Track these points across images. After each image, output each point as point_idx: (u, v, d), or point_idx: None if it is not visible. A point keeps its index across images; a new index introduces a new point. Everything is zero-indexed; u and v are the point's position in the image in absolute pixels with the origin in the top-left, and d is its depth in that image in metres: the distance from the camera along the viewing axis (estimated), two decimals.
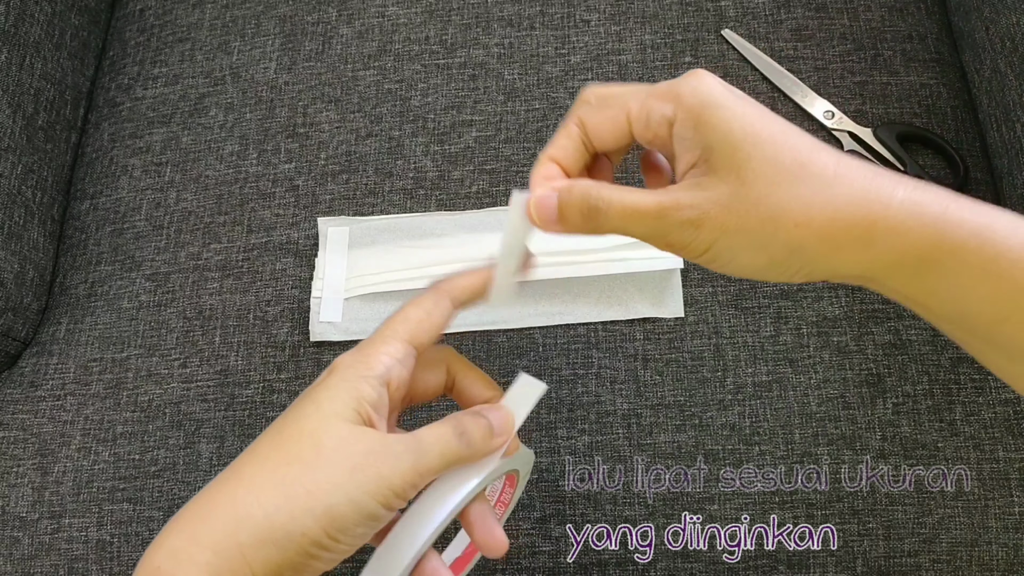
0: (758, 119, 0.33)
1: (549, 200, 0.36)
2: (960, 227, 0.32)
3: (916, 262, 0.32)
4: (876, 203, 0.32)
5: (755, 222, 0.33)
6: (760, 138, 0.33)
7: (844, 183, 0.32)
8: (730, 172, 0.33)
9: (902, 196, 0.32)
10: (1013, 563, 0.52)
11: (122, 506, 0.55)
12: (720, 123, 0.33)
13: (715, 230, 0.34)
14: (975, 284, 0.32)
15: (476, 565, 0.52)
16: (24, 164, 0.63)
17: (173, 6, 0.71)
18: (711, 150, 0.33)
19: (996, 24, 0.60)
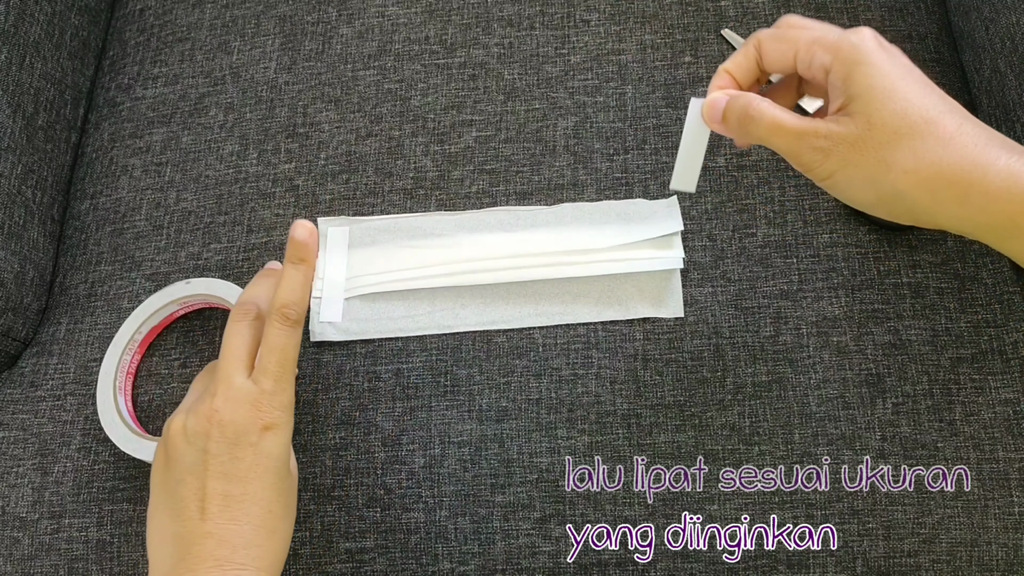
0: (899, 78, 0.39)
1: (719, 103, 0.44)
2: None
3: (1008, 224, 0.37)
4: (978, 168, 0.37)
5: (872, 161, 0.39)
6: (896, 95, 0.38)
7: (957, 146, 0.37)
8: (863, 117, 0.39)
9: (1004, 164, 0.37)
10: (1013, 563, 0.52)
11: (122, 506, 0.55)
12: (864, 78, 0.39)
13: (839, 161, 0.40)
14: None
15: (474, 568, 0.52)
16: (24, 164, 0.63)
17: (173, 6, 0.71)
18: (852, 99, 0.39)
19: (996, 24, 0.60)
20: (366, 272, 0.59)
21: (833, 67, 0.40)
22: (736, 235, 0.58)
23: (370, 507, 0.54)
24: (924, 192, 0.38)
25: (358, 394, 0.56)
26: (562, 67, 0.64)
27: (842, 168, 0.40)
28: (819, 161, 0.40)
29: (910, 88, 0.39)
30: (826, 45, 0.41)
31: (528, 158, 0.61)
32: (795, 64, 0.43)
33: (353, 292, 0.58)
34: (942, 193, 0.38)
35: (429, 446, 0.55)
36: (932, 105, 0.38)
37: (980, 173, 0.37)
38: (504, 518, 0.53)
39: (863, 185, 0.40)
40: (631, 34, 0.65)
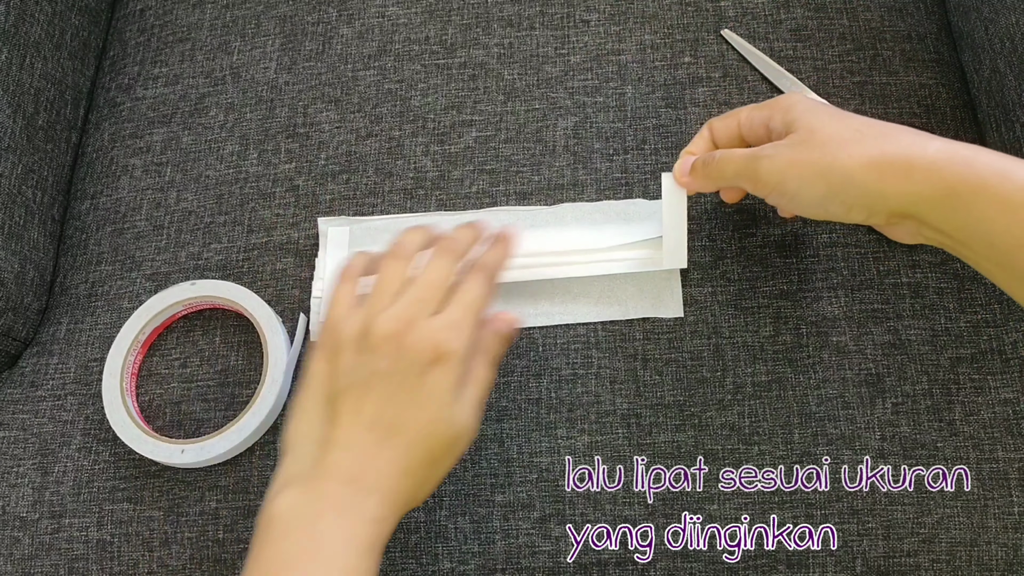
0: (831, 109, 0.46)
1: (687, 162, 0.52)
2: (986, 167, 0.40)
3: (948, 195, 0.41)
4: (916, 147, 0.42)
5: (819, 155, 0.44)
6: (832, 117, 0.45)
7: (892, 138, 0.43)
8: (805, 129, 0.45)
9: (938, 145, 0.41)
10: (1012, 563, 0.52)
11: (122, 506, 0.56)
12: (801, 112, 0.46)
13: (786, 162, 0.45)
14: (996, 215, 0.40)
15: (474, 567, 0.52)
16: (24, 164, 0.63)
17: (173, 6, 0.71)
18: (793, 123, 0.46)
19: (995, 24, 0.60)
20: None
21: (772, 117, 0.48)
22: (736, 235, 0.58)
23: None
24: (871, 172, 0.42)
25: None
26: (562, 67, 0.64)
27: (791, 167, 0.45)
28: (767, 167, 0.46)
29: (844, 114, 0.46)
30: (762, 107, 0.49)
31: (528, 158, 0.61)
32: (740, 132, 0.51)
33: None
34: (888, 171, 0.42)
35: None
36: (867, 120, 0.45)
37: (919, 150, 0.42)
38: (504, 518, 0.53)
39: (813, 179, 0.44)
40: (631, 34, 0.65)
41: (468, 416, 0.44)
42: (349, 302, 0.46)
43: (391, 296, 0.45)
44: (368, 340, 0.43)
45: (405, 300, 0.44)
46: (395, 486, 0.42)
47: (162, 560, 0.54)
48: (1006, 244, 0.40)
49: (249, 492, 0.55)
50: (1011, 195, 0.39)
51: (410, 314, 0.44)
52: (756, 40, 0.63)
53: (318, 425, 0.43)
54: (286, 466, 0.43)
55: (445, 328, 0.43)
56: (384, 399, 0.42)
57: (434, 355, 0.42)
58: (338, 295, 0.47)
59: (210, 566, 0.54)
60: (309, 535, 0.40)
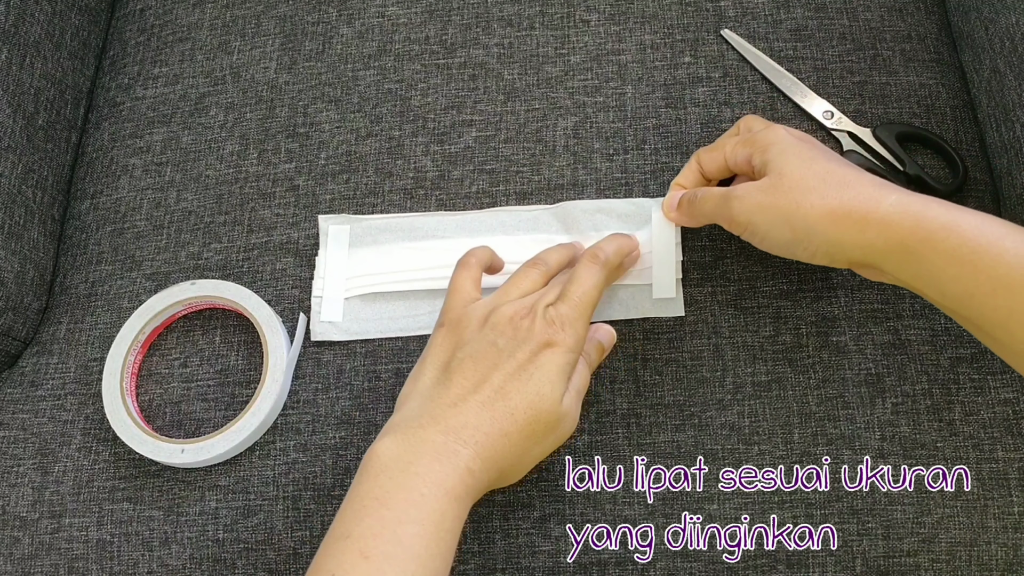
0: (806, 151, 0.49)
1: (675, 198, 0.55)
2: (933, 221, 0.43)
3: (899, 248, 0.44)
4: (872, 201, 0.45)
5: (784, 202, 0.47)
6: (802, 159, 0.48)
7: (852, 189, 0.46)
8: (775, 172, 0.48)
9: (893, 199, 0.44)
10: (1012, 563, 0.52)
11: (122, 505, 0.56)
12: (775, 155, 0.49)
13: (755, 206, 0.48)
14: (944, 266, 0.42)
15: (474, 567, 0.52)
16: (24, 164, 0.63)
17: (173, 6, 0.71)
18: (767, 164, 0.49)
19: (995, 24, 0.60)
20: (367, 272, 0.59)
21: (753, 154, 0.51)
22: (736, 235, 0.58)
23: None
24: (830, 224, 0.45)
25: (358, 394, 0.56)
26: (562, 67, 0.64)
27: (759, 211, 0.48)
28: (738, 208, 0.49)
29: (815, 157, 0.48)
30: (745, 143, 0.52)
31: (528, 158, 0.61)
32: (726, 164, 0.53)
33: (354, 292, 0.58)
34: (844, 223, 0.45)
35: None
36: (834, 167, 0.47)
37: (874, 205, 0.44)
38: (504, 517, 0.53)
39: (779, 224, 0.48)
40: (631, 34, 0.65)
41: (571, 403, 0.47)
42: (470, 287, 0.50)
43: (519, 292, 0.49)
44: (490, 320, 0.47)
45: (531, 298, 0.49)
46: (492, 444, 0.44)
47: (162, 560, 0.54)
48: (956, 293, 0.43)
49: (249, 492, 0.55)
50: (957, 249, 0.42)
51: (532, 304, 0.48)
52: (756, 40, 0.63)
53: (430, 386, 0.46)
54: (393, 418, 0.46)
55: (560, 319, 0.47)
56: (496, 369, 0.45)
57: (547, 340, 0.46)
58: (459, 281, 0.51)
59: (210, 566, 0.54)
60: (404, 474, 0.42)
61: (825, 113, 0.61)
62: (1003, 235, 0.42)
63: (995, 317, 0.42)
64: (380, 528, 0.41)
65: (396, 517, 0.41)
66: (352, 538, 0.41)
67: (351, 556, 0.40)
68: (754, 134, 0.52)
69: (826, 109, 0.61)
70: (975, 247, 0.41)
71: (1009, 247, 0.41)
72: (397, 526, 0.41)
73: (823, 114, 0.61)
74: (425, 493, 0.42)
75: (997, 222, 0.42)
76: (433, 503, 0.42)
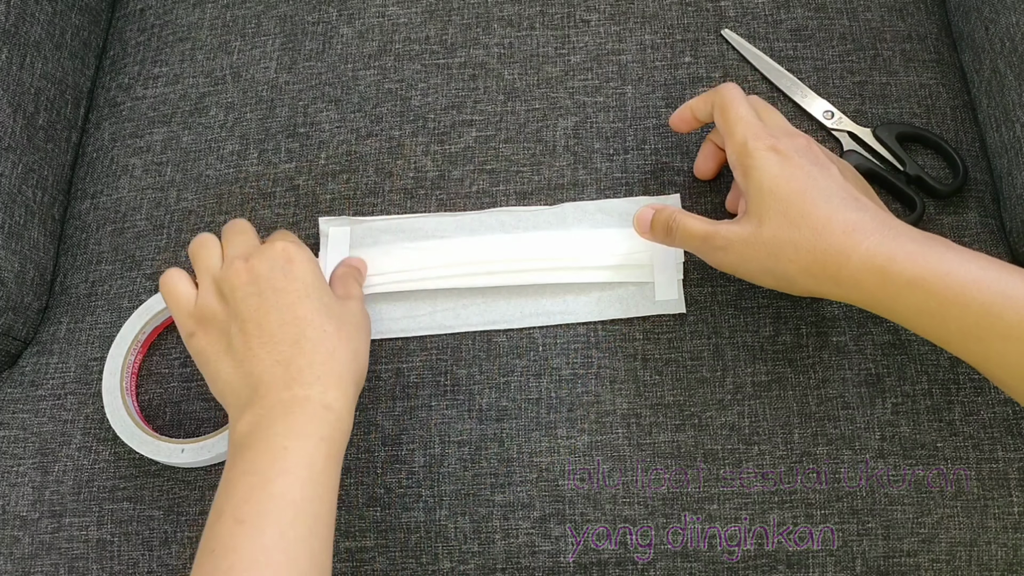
0: (784, 179, 0.47)
1: (646, 216, 0.54)
2: (899, 277, 0.43)
3: (872, 300, 0.45)
4: (843, 254, 0.45)
5: (763, 255, 0.48)
6: (778, 195, 0.47)
7: (827, 235, 0.45)
8: (756, 218, 0.48)
9: (864, 248, 0.44)
10: (1012, 563, 0.52)
11: (122, 505, 0.56)
12: (754, 181, 0.48)
13: (737, 256, 0.49)
14: (914, 318, 0.44)
15: (474, 567, 0.53)
16: (25, 163, 0.63)
17: (173, 6, 0.71)
18: (748, 197, 0.49)
19: (996, 24, 0.60)
20: (367, 273, 0.59)
21: (735, 167, 0.50)
22: None
23: (370, 506, 0.54)
24: (807, 277, 0.46)
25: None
26: (562, 67, 0.64)
27: (741, 262, 0.49)
28: (720, 258, 0.50)
29: (792, 185, 0.47)
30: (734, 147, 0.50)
31: (528, 158, 0.61)
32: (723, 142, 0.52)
33: None
34: (820, 277, 0.46)
35: (429, 445, 0.55)
36: (810, 199, 0.46)
37: (845, 259, 0.45)
38: (504, 517, 0.53)
39: (761, 273, 0.49)
40: (631, 34, 0.65)
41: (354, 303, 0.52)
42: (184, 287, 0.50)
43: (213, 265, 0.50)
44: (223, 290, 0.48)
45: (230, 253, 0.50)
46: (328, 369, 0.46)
47: (162, 560, 0.54)
48: (936, 338, 0.44)
49: None
50: (924, 304, 0.43)
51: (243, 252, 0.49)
52: (756, 40, 0.64)
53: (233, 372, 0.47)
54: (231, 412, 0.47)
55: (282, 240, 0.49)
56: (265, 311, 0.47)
57: (285, 257, 0.48)
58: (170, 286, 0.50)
59: None
60: (264, 440, 0.43)
61: (825, 113, 0.61)
62: (970, 283, 0.41)
63: (972, 360, 0.44)
64: (249, 493, 0.42)
65: (264, 478, 0.42)
66: (225, 512, 0.42)
67: (227, 526, 0.41)
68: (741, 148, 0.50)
69: (826, 109, 0.61)
70: (942, 300, 0.42)
71: (975, 296, 0.41)
72: (266, 485, 0.42)
73: (823, 114, 0.61)
74: (288, 446, 0.43)
75: (969, 265, 0.42)
76: (298, 452, 0.43)
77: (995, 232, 0.58)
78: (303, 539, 0.41)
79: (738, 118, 0.51)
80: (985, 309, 0.41)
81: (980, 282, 0.41)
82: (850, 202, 0.46)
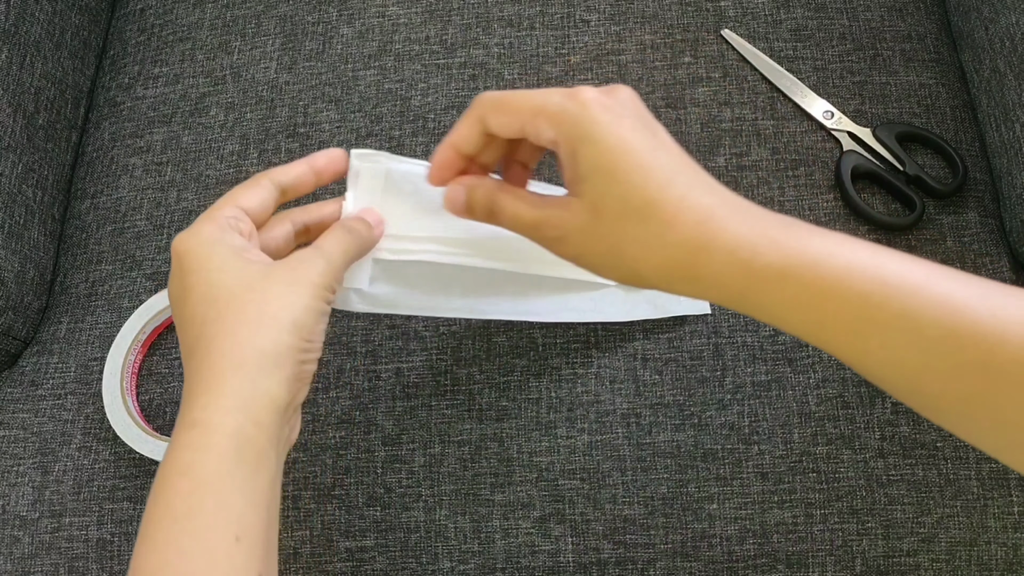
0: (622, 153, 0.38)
1: (458, 196, 0.44)
2: (768, 269, 0.37)
3: (740, 299, 0.38)
4: (701, 251, 0.37)
5: (604, 250, 0.40)
6: (617, 176, 0.38)
7: (679, 226, 0.38)
8: (590, 203, 0.39)
9: (723, 241, 0.37)
10: (1012, 563, 0.52)
11: (122, 505, 0.56)
12: (587, 159, 0.39)
13: (576, 247, 0.41)
14: (780, 313, 0.38)
15: (474, 567, 0.53)
16: (25, 163, 0.63)
17: (173, 5, 0.71)
18: (580, 180, 0.39)
19: (995, 24, 0.60)
20: (404, 232, 0.47)
21: (559, 143, 0.40)
22: None
23: (370, 506, 0.54)
24: (659, 276, 0.39)
25: (358, 393, 0.56)
26: (562, 67, 0.64)
27: (582, 254, 0.41)
28: (559, 248, 0.41)
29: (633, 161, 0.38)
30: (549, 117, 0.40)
31: None
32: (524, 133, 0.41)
33: (386, 253, 0.46)
34: (675, 276, 0.39)
35: (429, 445, 0.55)
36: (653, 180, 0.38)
37: (704, 257, 0.37)
38: (504, 517, 0.53)
39: (607, 268, 0.41)
40: (631, 34, 0.65)
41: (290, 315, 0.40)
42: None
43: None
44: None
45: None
46: (224, 392, 0.39)
47: None
48: (813, 336, 0.38)
49: None
50: (797, 298, 0.37)
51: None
52: (756, 40, 0.64)
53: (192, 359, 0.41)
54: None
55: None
56: (179, 321, 0.42)
57: (182, 250, 0.43)
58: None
59: None
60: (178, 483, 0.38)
61: (825, 113, 0.61)
62: (844, 270, 0.36)
63: (854, 360, 0.38)
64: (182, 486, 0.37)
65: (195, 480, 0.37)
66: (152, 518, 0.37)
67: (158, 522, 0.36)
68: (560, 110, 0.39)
69: (826, 109, 0.61)
70: (816, 292, 0.36)
71: (851, 285, 0.36)
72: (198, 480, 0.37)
73: (823, 114, 0.61)
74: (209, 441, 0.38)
75: (840, 249, 0.37)
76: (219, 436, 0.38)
77: (995, 232, 0.58)
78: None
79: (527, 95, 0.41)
80: (863, 299, 0.36)
81: (855, 269, 0.36)
82: (695, 179, 0.39)
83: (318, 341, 0.41)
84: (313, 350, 0.41)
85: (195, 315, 0.41)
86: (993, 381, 0.35)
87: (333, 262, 0.42)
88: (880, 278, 0.36)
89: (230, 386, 0.39)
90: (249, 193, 0.44)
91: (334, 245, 0.43)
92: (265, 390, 0.39)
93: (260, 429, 0.39)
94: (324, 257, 0.42)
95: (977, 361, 0.35)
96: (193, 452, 0.38)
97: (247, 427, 0.38)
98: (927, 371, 0.36)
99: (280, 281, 0.40)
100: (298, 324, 0.39)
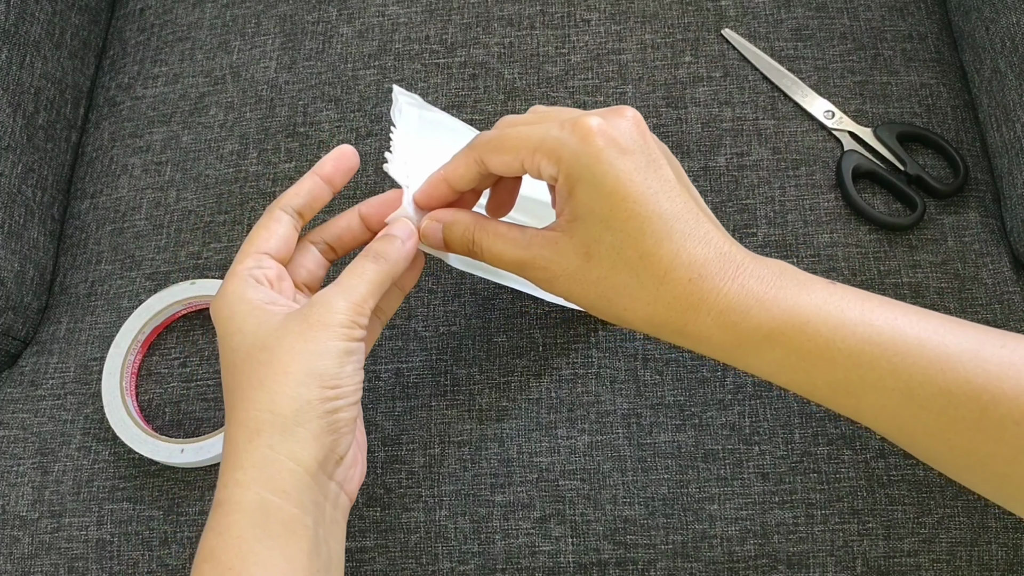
0: (620, 201, 0.38)
1: (435, 232, 0.43)
2: (756, 332, 0.37)
3: (728, 359, 0.39)
4: (690, 311, 0.38)
5: (594, 295, 0.39)
6: (612, 224, 0.38)
7: (669, 284, 0.38)
8: (582, 245, 0.39)
9: (713, 302, 0.37)
10: (1013, 563, 0.52)
11: (122, 505, 0.56)
12: (584, 200, 0.38)
13: (564, 288, 0.40)
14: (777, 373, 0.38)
15: (474, 567, 0.53)
16: (24, 163, 0.63)
17: (173, 5, 0.71)
18: (574, 217, 0.39)
19: (996, 24, 0.60)
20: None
21: (559, 180, 0.39)
22: (736, 235, 0.58)
23: (370, 506, 0.54)
24: (647, 327, 0.40)
25: None
26: (562, 67, 0.64)
27: (571, 294, 0.41)
28: (546, 286, 0.41)
29: (628, 212, 0.38)
30: (548, 153, 0.39)
31: None
32: (524, 170, 0.41)
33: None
34: (663, 330, 0.39)
35: (429, 446, 0.55)
36: (650, 235, 0.38)
37: (692, 316, 0.38)
38: (504, 517, 0.53)
39: (596, 310, 0.41)
40: (631, 34, 0.65)
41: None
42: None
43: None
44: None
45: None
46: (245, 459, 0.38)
47: (162, 560, 0.54)
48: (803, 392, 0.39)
49: None
50: (784, 360, 0.37)
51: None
52: (757, 40, 0.63)
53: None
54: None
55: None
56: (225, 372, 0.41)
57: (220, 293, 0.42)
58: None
59: None
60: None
61: (826, 113, 0.61)
62: (833, 332, 0.36)
63: (847, 413, 0.39)
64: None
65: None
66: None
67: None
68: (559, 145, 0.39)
69: (827, 109, 0.61)
70: (804, 355, 0.37)
71: (841, 348, 0.36)
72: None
73: (824, 114, 0.61)
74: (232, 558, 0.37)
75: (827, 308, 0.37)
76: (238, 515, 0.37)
77: (995, 232, 0.58)
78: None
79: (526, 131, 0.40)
80: (853, 361, 0.36)
81: (845, 327, 0.36)
82: (692, 228, 0.38)
83: (348, 384, 0.39)
84: (343, 396, 0.39)
85: (226, 384, 0.40)
86: (988, 438, 0.35)
87: (353, 296, 0.40)
88: (868, 337, 0.36)
89: (248, 457, 0.37)
90: (265, 234, 0.44)
91: (354, 278, 0.41)
92: (288, 454, 0.37)
93: (286, 497, 0.37)
94: (343, 293, 0.40)
95: (971, 419, 0.35)
96: (216, 536, 0.37)
97: (270, 499, 0.37)
98: (920, 427, 0.36)
99: (291, 332, 0.39)
100: (315, 373, 0.38)
